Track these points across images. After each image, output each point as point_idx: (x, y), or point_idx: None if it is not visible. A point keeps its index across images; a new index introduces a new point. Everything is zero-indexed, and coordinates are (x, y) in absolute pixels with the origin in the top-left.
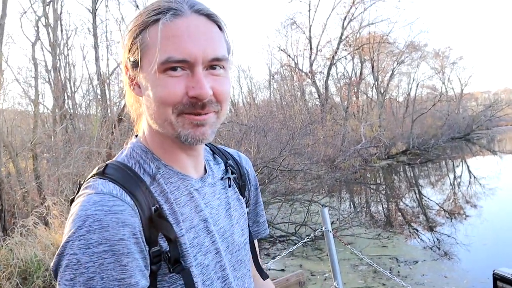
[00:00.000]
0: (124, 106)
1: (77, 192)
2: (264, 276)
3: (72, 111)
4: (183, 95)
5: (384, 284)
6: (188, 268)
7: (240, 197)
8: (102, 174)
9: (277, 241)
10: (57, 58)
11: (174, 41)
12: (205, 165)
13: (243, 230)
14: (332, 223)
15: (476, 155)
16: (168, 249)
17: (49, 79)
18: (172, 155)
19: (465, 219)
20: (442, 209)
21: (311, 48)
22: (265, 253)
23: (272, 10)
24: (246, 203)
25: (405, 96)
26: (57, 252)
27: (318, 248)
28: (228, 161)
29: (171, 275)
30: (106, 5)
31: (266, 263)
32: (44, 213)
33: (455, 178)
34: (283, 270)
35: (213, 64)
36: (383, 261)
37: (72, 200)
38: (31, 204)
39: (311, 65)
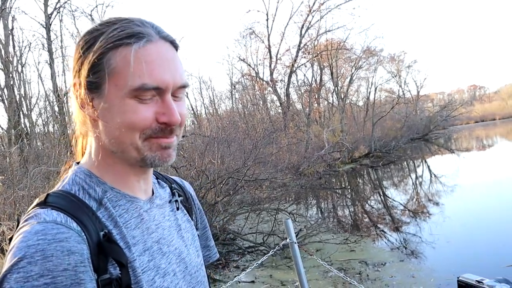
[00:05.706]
0: None
1: (17, 227)
2: None
3: (29, 129)
4: (152, 121)
5: None
6: None
7: (190, 219)
8: (43, 203)
9: (245, 252)
10: (10, 75)
11: (147, 67)
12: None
13: (198, 251)
14: (300, 230)
15: (435, 154)
16: (119, 275)
17: (2, 98)
18: (121, 178)
19: (428, 217)
20: (406, 209)
21: (270, 57)
22: (234, 265)
23: (230, 21)
24: (195, 227)
25: (365, 100)
26: None
27: (287, 256)
28: (172, 185)
29: None
30: (61, 20)
31: (237, 276)
32: None
33: (416, 177)
34: (253, 282)
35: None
36: (352, 265)
37: (11, 238)
38: None
39: (271, 73)
